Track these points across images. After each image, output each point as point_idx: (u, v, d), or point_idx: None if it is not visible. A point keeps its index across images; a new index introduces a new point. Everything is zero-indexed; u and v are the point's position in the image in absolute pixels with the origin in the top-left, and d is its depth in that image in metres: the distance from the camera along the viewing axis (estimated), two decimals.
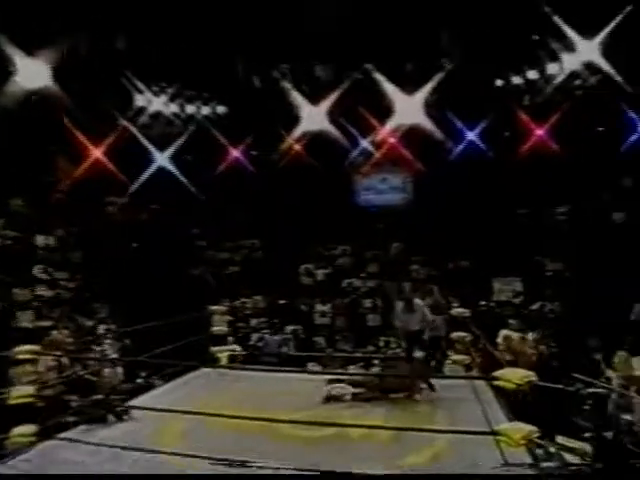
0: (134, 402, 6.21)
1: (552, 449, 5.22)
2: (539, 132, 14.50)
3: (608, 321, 9.38)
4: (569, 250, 12.48)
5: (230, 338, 8.72)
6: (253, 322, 10.85)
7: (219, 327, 8.54)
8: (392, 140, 15.24)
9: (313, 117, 12.90)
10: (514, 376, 4.03)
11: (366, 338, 10.53)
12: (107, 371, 7.49)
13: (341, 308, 11.60)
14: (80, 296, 11.30)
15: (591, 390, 4.64)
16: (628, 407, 7.24)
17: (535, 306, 10.83)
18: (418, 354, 6.53)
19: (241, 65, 13.28)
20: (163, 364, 7.33)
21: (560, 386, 6.74)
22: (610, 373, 7.91)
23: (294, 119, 13.49)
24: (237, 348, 7.92)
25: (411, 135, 14.35)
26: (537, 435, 3.98)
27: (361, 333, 10.92)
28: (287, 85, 12.66)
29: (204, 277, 13.90)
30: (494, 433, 4.06)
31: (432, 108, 13.02)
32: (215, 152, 14.97)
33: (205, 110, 14.61)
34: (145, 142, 13.91)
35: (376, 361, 8.34)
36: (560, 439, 6.77)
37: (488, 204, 14.37)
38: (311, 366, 9.30)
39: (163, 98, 13.62)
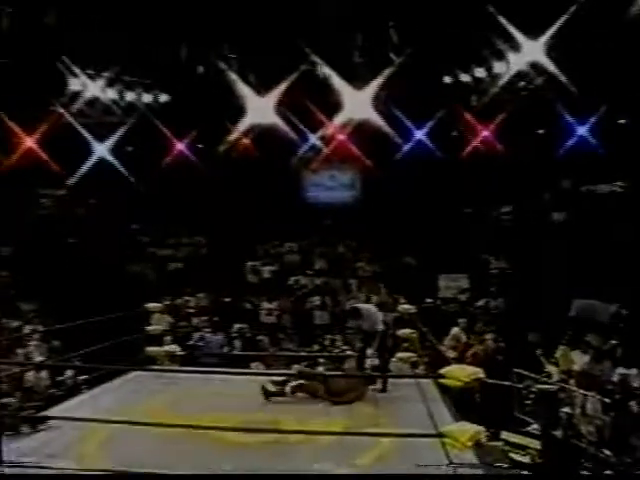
0: (58, 408, 5.70)
1: (500, 448, 5.16)
2: (485, 132, 14.78)
3: (549, 317, 9.54)
4: (512, 248, 12.70)
5: (168, 337, 8.27)
6: (195, 321, 10.40)
7: (157, 326, 8.08)
8: (341, 137, 15.12)
9: (260, 110, 12.56)
10: (461, 373, 3.87)
11: (312, 336, 10.30)
12: (30, 375, 6.91)
13: (287, 306, 11.32)
14: (5, 294, 10.52)
15: (541, 387, 4.56)
16: (568, 401, 7.35)
17: (480, 303, 10.91)
18: (370, 352, 6.35)
19: (185, 52, 12.74)
20: (92, 367, 6.83)
21: (508, 383, 6.74)
22: (550, 368, 8.00)
23: (240, 111, 13.10)
24: (175, 348, 7.48)
25: (360, 132, 14.26)
26: (485, 436, 3.84)
27: (307, 331, 10.68)
28: (233, 75, 12.24)
29: (144, 274, 13.32)
30: (440, 435, 3.88)
31: (381, 105, 12.96)
32: (158, 144, 14.37)
33: (147, 98, 13.98)
34: (82, 131, 13.16)
35: (322, 360, 8.10)
36: (507, 435, 6.78)
37: (435, 202, 14.50)
38: (255, 366, 8.96)
39: (100, 83, 12.89)
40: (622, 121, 13.90)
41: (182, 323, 10.38)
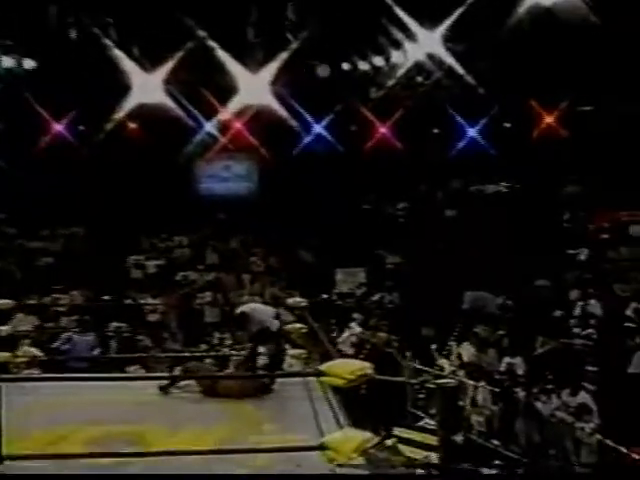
0: None
1: (391, 449, 4.85)
2: (383, 128, 14.84)
3: (443, 311, 9.58)
4: (407, 244, 12.76)
5: (26, 340, 7.14)
6: (64, 321, 9.21)
7: (15, 327, 6.94)
8: (238, 124, 14.43)
9: (147, 88, 11.48)
10: (344, 370, 3.43)
11: (200, 335, 9.52)
12: None
13: (173, 303, 10.43)
14: None
15: (439, 381, 4.26)
16: (460, 393, 7.29)
17: (376, 297, 10.76)
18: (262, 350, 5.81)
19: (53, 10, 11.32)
20: None
21: (402, 379, 6.49)
22: (442, 361, 7.94)
23: (125, 90, 11.94)
24: (33, 351, 6.43)
25: (258, 120, 13.67)
26: (374, 443, 3.43)
27: (195, 330, 9.88)
28: (113, 46, 11.07)
29: (8, 270, 11.74)
30: (322, 448, 3.40)
31: (278, 92, 12.43)
32: (30, 122, 12.81)
33: (9, 63, 12.26)
34: None
35: (208, 360, 7.39)
36: (401, 431, 6.53)
37: (334, 197, 14.27)
38: (133, 370, 8.02)
39: None
40: (507, 125, 14.56)
41: (49, 324, 9.17)
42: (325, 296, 11.16)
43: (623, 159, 11.67)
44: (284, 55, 10.27)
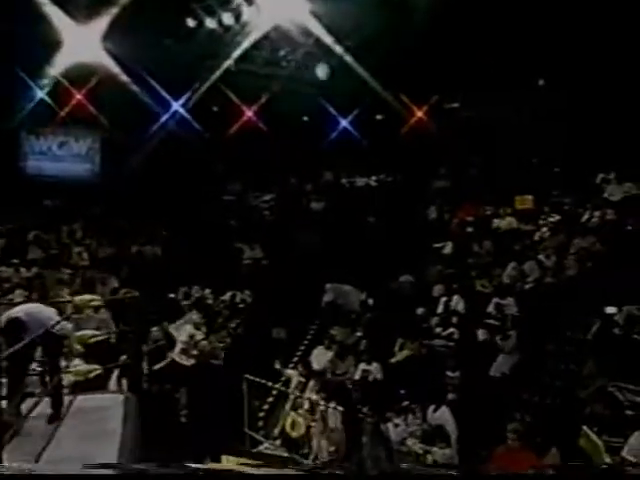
0: None
1: None
2: (248, 111, 13.54)
3: (300, 310, 8.44)
4: (269, 237, 11.53)
5: None
6: None
7: None
8: (77, 94, 12.27)
9: None
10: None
11: None
12: None
13: None
14: None
15: None
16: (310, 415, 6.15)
17: (226, 296, 9.35)
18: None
19: None
20: None
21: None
22: (290, 372, 6.76)
23: None
24: None
25: (100, 90, 11.66)
26: None
27: None
28: None
29: None
30: None
31: (123, 62, 10.59)
32: None
33: None
34: None
35: None
36: (228, 460, 5.23)
37: (189, 183, 12.68)
38: None
39: None
40: (379, 117, 13.96)
41: None
42: (172, 295, 9.57)
43: (490, 154, 11.47)
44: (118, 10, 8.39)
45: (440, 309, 7.58)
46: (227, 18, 9.33)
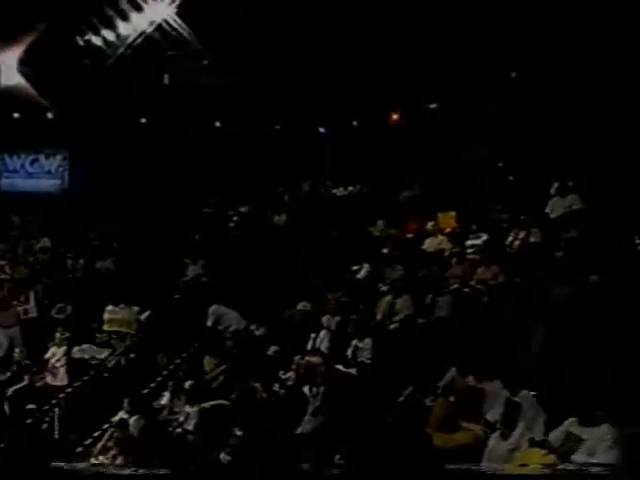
0: None
1: None
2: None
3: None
4: (212, 253, 11.21)
5: None
6: None
7: None
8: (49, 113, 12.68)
9: None
10: None
11: None
12: None
13: None
14: None
15: None
16: None
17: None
18: None
19: None
20: None
21: None
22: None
23: None
24: None
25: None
26: None
27: None
28: None
29: None
30: None
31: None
32: None
33: None
34: None
35: None
36: None
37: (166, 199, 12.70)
38: None
39: None
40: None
41: None
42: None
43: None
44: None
45: (309, 346, 6.85)
46: (108, 34, 9.15)
